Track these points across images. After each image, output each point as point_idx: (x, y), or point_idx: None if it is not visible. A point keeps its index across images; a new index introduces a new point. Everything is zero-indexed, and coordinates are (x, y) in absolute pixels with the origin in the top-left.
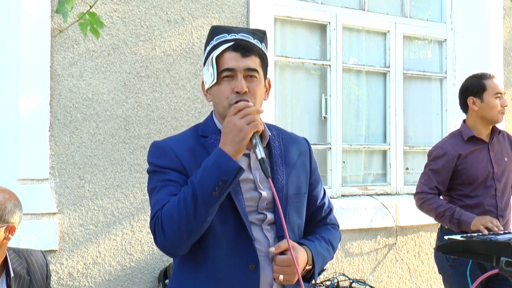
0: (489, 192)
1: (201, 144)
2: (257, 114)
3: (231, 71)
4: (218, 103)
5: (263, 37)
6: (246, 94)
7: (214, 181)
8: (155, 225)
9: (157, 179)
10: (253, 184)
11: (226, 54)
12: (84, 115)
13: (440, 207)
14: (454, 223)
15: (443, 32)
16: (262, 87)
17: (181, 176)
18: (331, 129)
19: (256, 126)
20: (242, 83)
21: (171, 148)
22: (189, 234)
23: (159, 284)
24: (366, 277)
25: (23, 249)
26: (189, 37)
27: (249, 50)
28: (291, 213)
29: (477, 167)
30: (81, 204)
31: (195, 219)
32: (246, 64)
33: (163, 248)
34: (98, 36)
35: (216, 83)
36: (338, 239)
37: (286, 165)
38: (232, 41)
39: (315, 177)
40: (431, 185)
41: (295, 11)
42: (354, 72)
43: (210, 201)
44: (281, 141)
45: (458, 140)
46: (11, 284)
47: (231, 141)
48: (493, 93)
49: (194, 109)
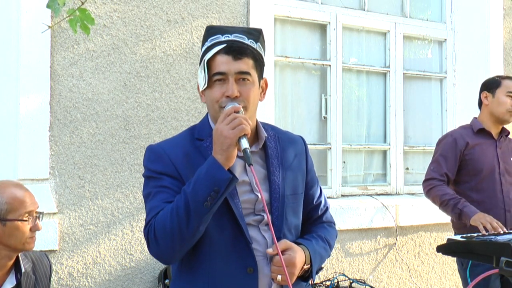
0: (496, 187)
1: (197, 148)
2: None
3: (222, 74)
4: (210, 107)
5: (259, 36)
6: (238, 98)
7: (206, 192)
8: (148, 233)
9: (152, 185)
10: (249, 186)
11: (218, 57)
12: (84, 115)
13: (446, 195)
14: (455, 212)
15: (443, 32)
16: (256, 90)
17: (176, 182)
18: (331, 129)
19: (241, 129)
20: (233, 87)
21: (166, 153)
22: (181, 243)
23: (159, 284)
24: (366, 277)
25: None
26: (189, 37)
27: (242, 53)
28: (288, 213)
29: (483, 159)
30: (81, 204)
31: (187, 229)
32: (238, 68)
33: (156, 256)
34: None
35: (208, 86)
36: (334, 237)
37: (283, 166)
38: (225, 43)
39: (311, 176)
40: (441, 171)
41: (295, 11)
42: (354, 72)
43: (203, 210)
44: (277, 141)
45: (468, 131)
46: (22, 280)
47: (220, 149)
48: (505, 91)
49: (194, 109)
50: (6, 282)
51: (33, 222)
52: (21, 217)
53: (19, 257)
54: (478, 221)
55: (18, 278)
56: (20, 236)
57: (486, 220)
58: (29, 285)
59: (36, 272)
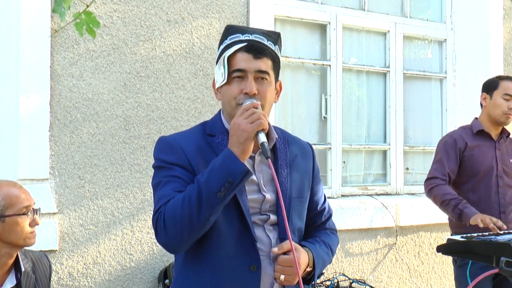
0: (492, 188)
1: (208, 143)
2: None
3: (242, 71)
4: (227, 103)
5: (277, 39)
6: (255, 96)
7: (220, 182)
8: (157, 221)
9: (163, 175)
10: (257, 186)
11: (238, 54)
12: (84, 115)
13: (447, 195)
14: (456, 213)
15: (443, 32)
16: (272, 90)
17: (187, 173)
18: (331, 129)
19: (259, 124)
20: (251, 85)
21: (178, 144)
22: (190, 232)
23: (159, 284)
24: (366, 277)
25: (28, 250)
26: (189, 37)
27: (262, 52)
28: (293, 216)
29: (481, 160)
30: (81, 204)
31: (198, 218)
32: (258, 66)
33: (163, 245)
34: (94, 35)
35: (226, 82)
36: (336, 244)
37: (290, 168)
38: (246, 41)
39: (317, 182)
40: (443, 171)
41: (295, 11)
42: (354, 72)
43: (215, 201)
44: (286, 144)
45: (467, 132)
46: (22, 280)
47: (237, 142)
48: (502, 93)
49: (194, 109)
50: (7, 282)
51: (31, 217)
52: (19, 212)
53: (19, 257)
54: (478, 220)
55: (18, 278)
56: (20, 232)
57: (485, 217)
58: (29, 285)
59: (36, 272)
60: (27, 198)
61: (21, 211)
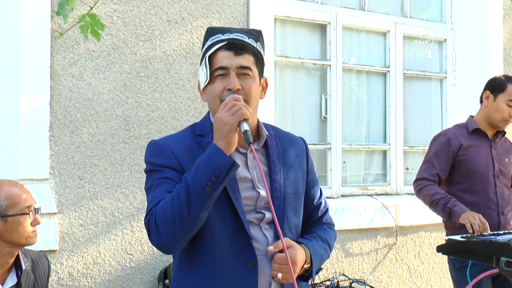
0: (489, 189)
1: (198, 143)
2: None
3: (224, 69)
4: (212, 101)
5: (259, 37)
6: (239, 91)
7: (207, 177)
8: (149, 222)
9: (154, 178)
10: (251, 183)
11: (219, 53)
12: (84, 115)
13: (436, 195)
14: (446, 212)
15: (443, 32)
16: (257, 85)
17: (178, 174)
18: (331, 129)
19: (241, 114)
20: (234, 81)
21: (168, 147)
22: (182, 230)
23: (159, 284)
24: (366, 277)
25: (27, 249)
26: (189, 37)
27: (242, 49)
28: (289, 212)
29: (477, 160)
30: (81, 204)
31: (188, 216)
32: (239, 62)
33: (157, 245)
34: (99, 38)
35: (209, 82)
36: (334, 238)
37: (284, 165)
38: (226, 40)
39: (311, 176)
40: (432, 172)
41: (295, 11)
42: (354, 72)
43: (204, 196)
44: (278, 141)
45: (462, 131)
46: (22, 278)
47: (220, 135)
48: (507, 98)
49: (194, 109)
50: (8, 280)
51: (33, 216)
52: (21, 211)
53: (19, 256)
54: (466, 219)
55: (19, 276)
56: (22, 231)
57: (474, 219)
58: (29, 284)
59: (35, 271)
60: (29, 198)
61: (23, 210)
